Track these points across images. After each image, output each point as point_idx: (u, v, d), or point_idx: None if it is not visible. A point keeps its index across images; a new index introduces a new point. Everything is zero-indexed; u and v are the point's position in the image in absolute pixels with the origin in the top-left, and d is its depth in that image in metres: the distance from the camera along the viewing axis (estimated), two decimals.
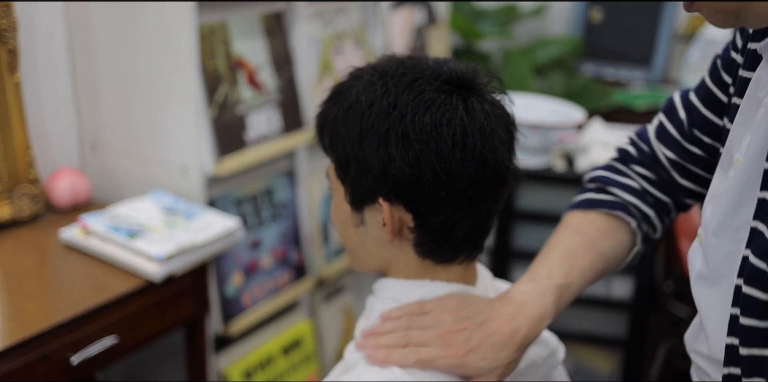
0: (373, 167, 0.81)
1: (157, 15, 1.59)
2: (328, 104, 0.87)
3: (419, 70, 0.82)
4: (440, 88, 0.80)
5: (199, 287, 1.53)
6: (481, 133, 0.80)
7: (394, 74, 0.82)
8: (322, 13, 1.97)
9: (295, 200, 1.96)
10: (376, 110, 0.80)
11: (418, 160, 0.79)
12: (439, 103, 0.79)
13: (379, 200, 0.82)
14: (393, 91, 0.80)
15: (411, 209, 0.82)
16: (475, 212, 0.83)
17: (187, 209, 1.58)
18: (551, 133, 1.86)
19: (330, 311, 2.16)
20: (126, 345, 1.38)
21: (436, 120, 0.79)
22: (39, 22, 1.66)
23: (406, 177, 0.79)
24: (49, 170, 1.68)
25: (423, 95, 0.80)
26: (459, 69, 0.84)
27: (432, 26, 2.40)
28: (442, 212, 0.82)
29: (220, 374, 1.80)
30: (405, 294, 0.87)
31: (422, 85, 0.80)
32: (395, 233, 0.84)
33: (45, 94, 1.71)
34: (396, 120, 0.79)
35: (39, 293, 1.34)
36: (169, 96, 1.64)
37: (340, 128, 0.83)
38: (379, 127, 0.80)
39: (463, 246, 0.86)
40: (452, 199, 0.81)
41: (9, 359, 1.19)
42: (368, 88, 0.82)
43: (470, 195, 0.81)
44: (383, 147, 0.80)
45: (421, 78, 0.81)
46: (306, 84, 1.92)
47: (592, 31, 3.07)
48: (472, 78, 0.83)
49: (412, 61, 0.85)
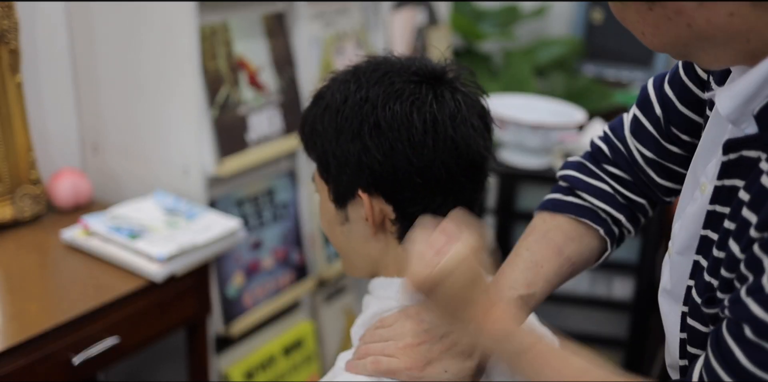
0: (350, 160, 0.83)
1: (159, 15, 1.59)
2: (309, 108, 0.90)
3: (389, 65, 0.85)
4: (410, 79, 0.83)
5: (200, 287, 1.54)
6: (452, 119, 0.82)
7: (365, 71, 0.86)
8: (323, 14, 1.97)
9: (296, 200, 1.96)
10: (349, 105, 0.83)
11: (391, 149, 0.81)
12: (409, 93, 0.82)
13: (359, 192, 0.84)
14: (365, 86, 0.83)
15: (390, 199, 0.84)
16: (453, 199, 0.85)
17: (188, 210, 1.59)
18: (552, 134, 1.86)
19: (331, 311, 2.16)
20: (127, 346, 1.39)
21: (407, 108, 0.81)
22: (40, 22, 1.66)
23: (381, 166, 0.82)
24: (51, 171, 1.69)
25: (393, 86, 0.82)
26: (428, 63, 0.87)
27: (433, 27, 2.41)
28: (420, 200, 0.83)
29: (221, 374, 1.81)
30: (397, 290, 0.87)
31: (392, 78, 0.83)
32: (378, 226, 0.86)
33: (46, 94, 1.71)
34: (368, 112, 0.82)
35: (40, 294, 1.35)
36: (171, 97, 1.64)
37: (318, 127, 0.86)
38: (353, 121, 0.83)
39: None
40: (428, 186, 0.83)
41: (11, 360, 1.19)
42: (342, 86, 0.85)
43: (445, 182, 0.83)
44: (358, 139, 0.82)
45: (391, 71, 0.84)
46: (307, 85, 1.92)
47: (593, 31, 3.07)
48: (442, 70, 0.86)
49: (384, 58, 0.88)
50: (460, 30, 2.86)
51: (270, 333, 1.93)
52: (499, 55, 3.02)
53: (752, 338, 0.61)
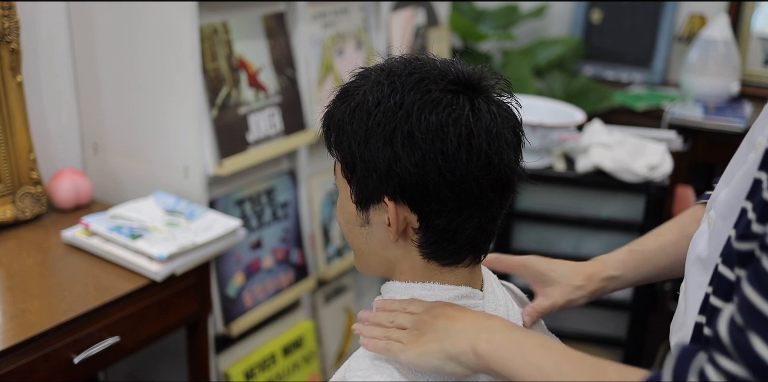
0: (378, 166, 0.80)
1: (159, 16, 1.60)
2: (335, 103, 0.86)
3: (426, 70, 0.82)
4: (447, 88, 0.80)
5: (200, 287, 1.54)
6: (488, 134, 0.80)
7: (401, 74, 0.82)
8: (323, 14, 1.97)
9: (296, 200, 1.96)
10: (382, 109, 0.80)
11: (423, 160, 0.78)
12: (446, 103, 0.79)
13: (385, 199, 0.82)
14: (400, 91, 0.80)
15: (416, 209, 0.82)
16: (480, 214, 0.83)
17: (188, 210, 1.59)
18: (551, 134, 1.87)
19: (331, 311, 2.16)
20: (127, 345, 1.39)
21: (442, 119, 0.78)
22: (41, 23, 1.66)
23: (411, 176, 0.79)
24: (51, 171, 1.69)
25: (430, 95, 0.80)
26: (466, 70, 0.83)
27: (432, 27, 2.41)
28: (446, 213, 0.81)
29: (221, 373, 1.81)
30: (412, 296, 0.87)
31: (429, 85, 0.80)
32: (400, 234, 0.84)
33: (47, 95, 1.71)
34: (402, 119, 0.79)
35: (41, 293, 1.35)
36: (171, 97, 1.64)
37: (346, 127, 0.83)
38: (386, 126, 0.80)
39: (467, 249, 0.85)
40: (457, 200, 0.80)
41: (12, 359, 1.20)
42: (375, 88, 0.82)
43: (475, 196, 0.81)
44: (389, 146, 0.79)
45: (428, 78, 0.81)
46: (307, 85, 1.93)
47: (592, 32, 3.08)
48: (480, 79, 0.83)
49: (420, 61, 0.85)
50: (460, 30, 2.86)
51: (270, 333, 1.94)
52: (499, 55, 3.02)
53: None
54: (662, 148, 1.91)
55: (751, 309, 0.62)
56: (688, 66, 2.68)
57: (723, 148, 2.53)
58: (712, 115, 2.55)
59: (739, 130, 2.46)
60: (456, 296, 0.86)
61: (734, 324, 0.63)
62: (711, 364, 0.63)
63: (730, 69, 2.64)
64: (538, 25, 3.19)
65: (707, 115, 2.55)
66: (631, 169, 1.83)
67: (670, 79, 3.01)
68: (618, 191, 1.90)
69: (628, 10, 3.01)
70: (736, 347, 0.62)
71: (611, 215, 1.92)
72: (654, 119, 2.60)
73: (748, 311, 0.62)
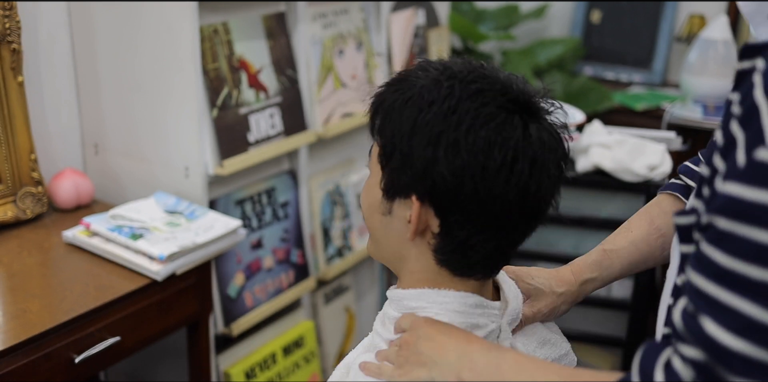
0: (416, 164, 0.79)
1: (159, 16, 1.60)
2: (389, 89, 0.84)
3: (488, 82, 0.80)
4: (504, 106, 0.79)
5: (201, 287, 1.54)
6: (532, 162, 0.78)
7: (462, 79, 0.80)
8: (324, 15, 1.97)
9: (296, 200, 1.97)
10: (435, 110, 0.79)
11: (462, 170, 0.77)
12: (500, 121, 0.78)
13: (413, 197, 0.81)
14: (457, 96, 0.79)
15: (440, 215, 0.81)
16: (501, 236, 0.82)
17: (189, 210, 1.59)
18: None
19: (331, 311, 2.17)
20: (128, 345, 1.39)
21: (492, 137, 0.77)
22: (42, 23, 1.67)
23: (445, 183, 0.78)
24: (52, 171, 1.69)
25: (485, 108, 0.78)
26: (528, 90, 0.82)
27: (432, 27, 2.41)
28: (469, 227, 0.80)
29: (221, 373, 1.81)
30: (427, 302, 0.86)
31: (487, 98, 0.79)
32: (417, 233, 0.83)
33: (48, 95, 1.71)
34: (452, 125, 0.78)
35: (42, 293, 1.35)
36: (171, 97, 1.65)
37: (394, 116, 0.81)
38: (433, 128, 0.78)
39: (480, 267, 0.85)
40: (483, 217, 0.80)
41: (13, 358, 1.20)
42: (433, 85, 0.80)
43: (502, 220, 0.80)
44: (431, 147, 0.78)
45: (489, 90, 0.79)
46: (307, 85, 1.93)
47: (592, 32, 3.08)
48: (538, 103, 0.82)
49: (484, 70, 0.83)
50: (460, 30, 2.86)
51: (270, 333, 1.94)
52: (498, 55, 3.03)
53: (725, 228, 0.60)
54: (662, 149, 1.91)
55: (697, 292, 0.62)
56: (687, 66, 2.68)
57: None
58: (712, 115, 2.55)
59: None
60: (472, 304, 0.85)
61: (686, 311, 0.64)
62: (676, 354, 0.64)
63: (730, 69, 2.64)
64: (538, 25, 3.19)
65: (707, 116, 2.55)
66: (630, 170, 1.83)
67: (669, 80, 3.01)
68: (618, 191, 1.90)
69: (628, 10, 3.01)
70: (690, 332, 0.62)
71: (611, 215, 1.92)
72: (654, 119, 2.60)
73: (696, 294, 0.63)
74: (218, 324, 1.76)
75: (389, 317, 0.88)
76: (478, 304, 0.85)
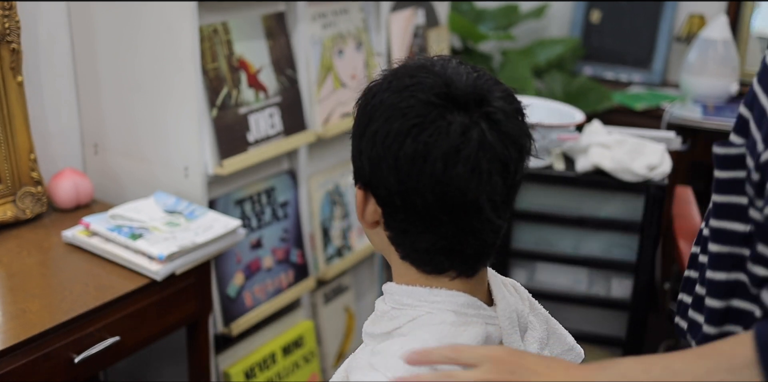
0: (353, 154, 0.84)
1: (159, 16, 1.60)
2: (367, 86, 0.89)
3: (427, 77, 0.80)
4: (430, 100, 0.78)
5: (200, 286, 1.54)
6: (445, 157, 0.76)
7: (403, 74, 0.81)
8: (323, 15, 1.97)
9: (296, 200, 1.97)
10: (371, 102, 0.81)
11: (379, 160, 0.78)
12: (416, 114, 0.77)
13: (357, 184, 0.84)
14: (388, 89, 0.80)
15: (380, 205, 0.82)
16: (434, 231, 0.80)
17: (188, 210, 1.59)
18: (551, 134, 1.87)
19: (331, 310, 2.17)
20: (128, 344, 1.39)
21: (404, 129, 0.77)
22: (41, 23, 1.67)
23: (369, 175, 0.80)
24: (52, 171, 1.69)
25: (407, 101, 0.78)
26: (479, 87, 0.80)
27: (432, 27, 2.41)
28: (402, 218, 0.80)
29: (221, 373, 1.81)
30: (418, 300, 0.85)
31: (414, 92, 0.79)
32: (372, 223, 0.85)
33: (47, 95, 1.71)
34: (375, 117, 0.79)
35: (41, 293, 1.35)
36: (171, 97, 1.65)
37: (355, 111, 0.86)
38: (363, 119, 0.82)
39: (441, 262, 0.83)
40: (411, 210, 0.79)
41: (12, 359, 1.20)
42: (379, 81, 0.83)
43: (426, 213, 0.79)
44: (359, 138, 0.82)
45: (421, 84, 0.79)
46: (307, 85, 1.93)
47: (592, 32, 3.08)
48: (478, 101, 0.78)
49: (422, 64, 0.83)
50: (460, 30, 2.86)
51: (270, 332, 1.94)
52: (498, 55, 3.03)
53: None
54: (661, 149, 1.91)
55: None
56: (687, 66, 2.68)
57: None
58: (711, 115, 2.55)
59: None
60: (463, 303, 0.84)
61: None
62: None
63: (730, 69, 2.64)
64: (538, 25, 3.19)
65: (706, 116, 2.55)
66: (630, 169, 1.83)
67: (669, 80, 3.01)
68: (617, 191, 1.90)
69: (628, 10, 3.01)
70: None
71: (610, 215, 1.92)
72: (653, 119, 2.61)
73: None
74: (218, 324, 1.76)
75: (379, 312, 0.87)
76: (469, 303, 0.84)
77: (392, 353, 0.80)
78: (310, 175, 2.02)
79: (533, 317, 0.93)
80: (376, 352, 0.82)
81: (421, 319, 0.83)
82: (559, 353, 0.94)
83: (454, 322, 0.82)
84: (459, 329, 0.82)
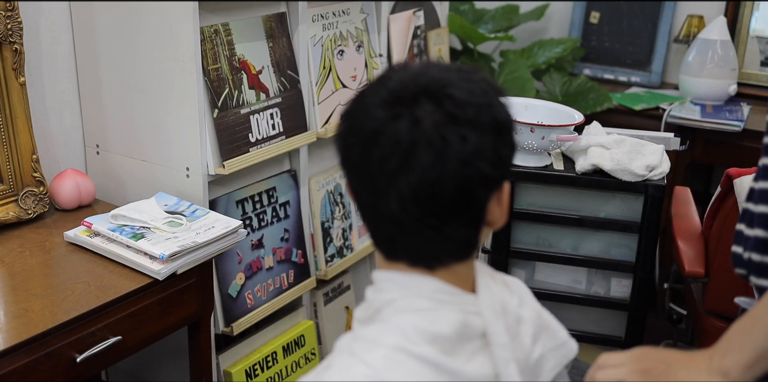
0: None
1: (160, 17, 1.61)
2: None
3: (399, 72, 0.86)
4: (392, 90, 0.83)
5: (201, 286, 1.55)
6: (396, 143, 0.80)
7: (388, 69, 0.89)
8: (324, 16, 1.98)
9: (296, 200, 1.97)
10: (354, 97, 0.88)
11: (340, 138, 0.86)
12: (372, 101, 0.83)
13: None
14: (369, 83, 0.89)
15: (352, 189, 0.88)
16: (384, 216, 0.84)
17: (190, 210, 1.60)
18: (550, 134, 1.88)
19: (331, 310, 2.17)
20: (129, 344, 1.40)
21: (358, 114, 0.84)
22: (43, 24, 1.67)
23: (337, 150, 0.87)
24: (54, 171, 1.70)
25: (370, 89, 0.85)
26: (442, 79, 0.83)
27: (432, 28, 2.42)
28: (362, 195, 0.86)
29: (222, 372, 1.82)
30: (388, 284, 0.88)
31: (382, 83, 0.85)
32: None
33: (49, 95, 1.72)
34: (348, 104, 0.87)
35: (43, 293, 1.36)
36: (172, 98, 1.65)
37: None
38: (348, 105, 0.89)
39: (384, 248, 0.88)
40: (365, 191, 0.85)
41: (14, 358, 1.21)
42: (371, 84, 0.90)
43: (378, 196, 0.83)
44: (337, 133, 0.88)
45: (388, 78, 0.85)
46: (308, 86, 1.94)
47: (591, 33, 3.09)
48: (413, 95, 0.82)
49: (400, 66, 0.88)
50: (459, 31, 2.87)
51: (271, 332, 1.95)
52: (498, 56, 3.03)
53: None
54: (661, 149, 1.92)
55: None
56: (686, 67, 2.69)
57: (721, 148, 2.54)
58: (710, 115, 2.56)
59: (736, 130, 2.47)
60: (434, 288, 0.86)
61: None
62: None
63: (728, 70, 2.65)
64: (537, 26, 3.20)
65: (705, 116, 2.56)
66: (629, 170, 1.84)
67: (668, 80, 3.02)
68: (617, 191, 1.91)
69: (627, 11, 3.02)
70: None
71: (610, 215, 1.93)
72: (652, 120, 2.61)
73: None
74: (219, 323, 1.76)
75: (366, 300, 0.91)
76: (442, 289, 0.86)
77: (370, 339, 0.85)
78: (311, 175, 2.02)
79: (525, 311, 0.94)
80: (358, 338, 0.86)
81: (397, 304, 0.86)
82: (551, 347, 0.96)
83: (429, 308, 0.85)
84: (434, 314, 0.85)
